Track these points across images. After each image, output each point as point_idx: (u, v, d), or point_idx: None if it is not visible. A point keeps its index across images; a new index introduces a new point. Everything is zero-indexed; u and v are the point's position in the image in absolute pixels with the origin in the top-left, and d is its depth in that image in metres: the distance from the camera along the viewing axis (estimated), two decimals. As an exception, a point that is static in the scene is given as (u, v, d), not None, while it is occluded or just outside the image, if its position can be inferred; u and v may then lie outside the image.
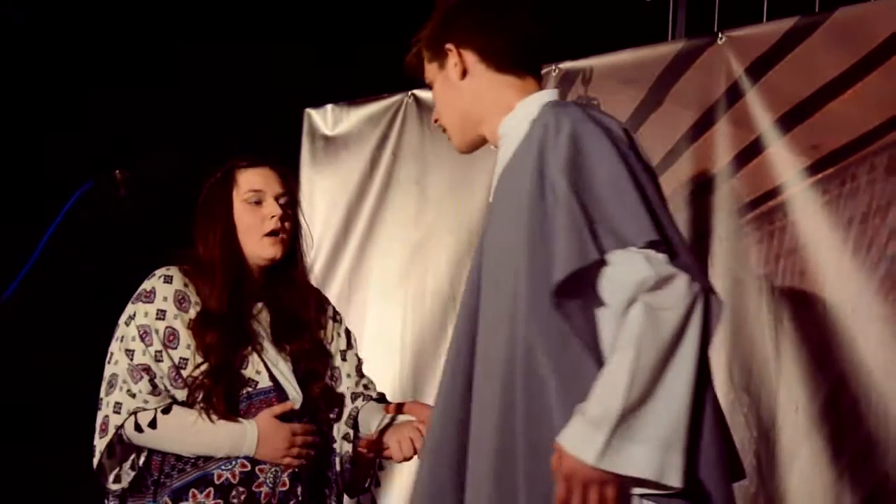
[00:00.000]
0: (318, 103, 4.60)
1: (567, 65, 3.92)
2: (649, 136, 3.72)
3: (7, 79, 4.23)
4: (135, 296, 2.70)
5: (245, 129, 4.44)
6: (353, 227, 4.44)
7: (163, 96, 4.51)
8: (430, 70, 2.32)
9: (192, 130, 4.37)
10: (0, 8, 4.28)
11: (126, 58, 4.51)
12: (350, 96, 4.54)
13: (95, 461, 2.63)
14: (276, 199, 2.77)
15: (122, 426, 2.60)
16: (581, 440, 1.92)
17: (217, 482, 2.60)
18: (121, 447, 2.66)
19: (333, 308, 2.93)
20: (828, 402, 3.32)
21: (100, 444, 2.62)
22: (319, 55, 4.71)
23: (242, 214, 2.75)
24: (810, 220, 3.40)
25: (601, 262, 1.99)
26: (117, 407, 2.61)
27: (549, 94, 2.25)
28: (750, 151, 3.53)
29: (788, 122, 3.45)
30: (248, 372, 2.67)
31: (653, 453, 1.91)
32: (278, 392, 2.69)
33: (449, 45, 2.26)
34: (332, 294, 4.14)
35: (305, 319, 2.80)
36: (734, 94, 3.56)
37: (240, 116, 4.63)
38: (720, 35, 3.60)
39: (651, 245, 1.98)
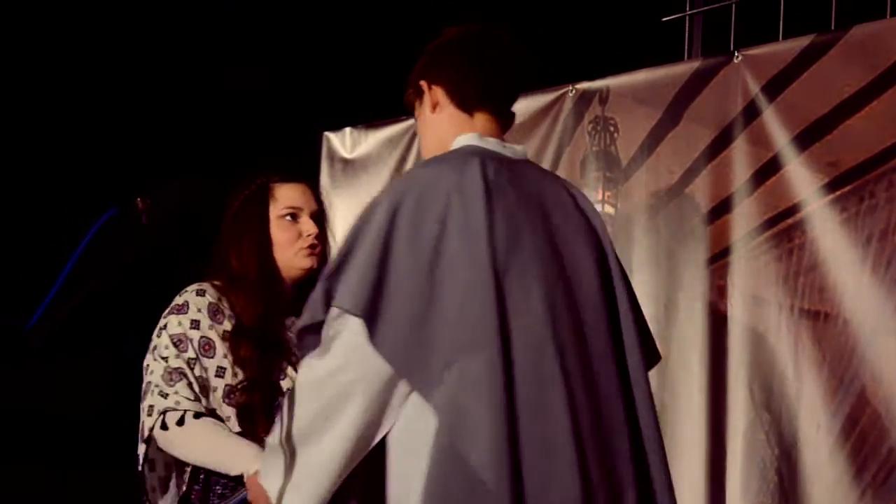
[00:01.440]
0: (337, 126, 4.62)
1: (583, 85, 3.93)
2: (666, 155, 3.73)
3: (28, 104, 4.27)
4: (167, 309, 2.70)
5: (264, 152, 4.48)
6: (373, 248, 4.45)
7: (181, 120, 4.55)
8: (417, 108, 2.51)
9: (211, 155, 4.40)
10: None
11: (145, 82, 4.55)
12: (368, 119, 4.56)
13: (140, 467, 2.63)
14: (312, 215, 2.80)
15: (153, 427, 2.59)
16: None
17: None
18: (159, 459, 2.65)
19: None
20: (849, 421, 3.31)
21: (140, 448, 2.62)
22: (338, 79, 4.74)
23: (279, 230, 2.76)
24: (829, 237, 3.39)
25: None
26: (150, 410, 2.61)
27: (465, 139, 2.39)
28: (767, 169, 3.53)
29: (806, 139, 3.45)
30: (286, 383, 2.68)
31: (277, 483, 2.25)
32: None
33: (423, 82, 2.45)
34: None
35: None
36: (751, 113, 3.56)
37: (259, 140, 4.66)
38: (736, 54, 3.61)
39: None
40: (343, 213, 4.56)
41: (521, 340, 2.20)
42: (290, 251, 2.75)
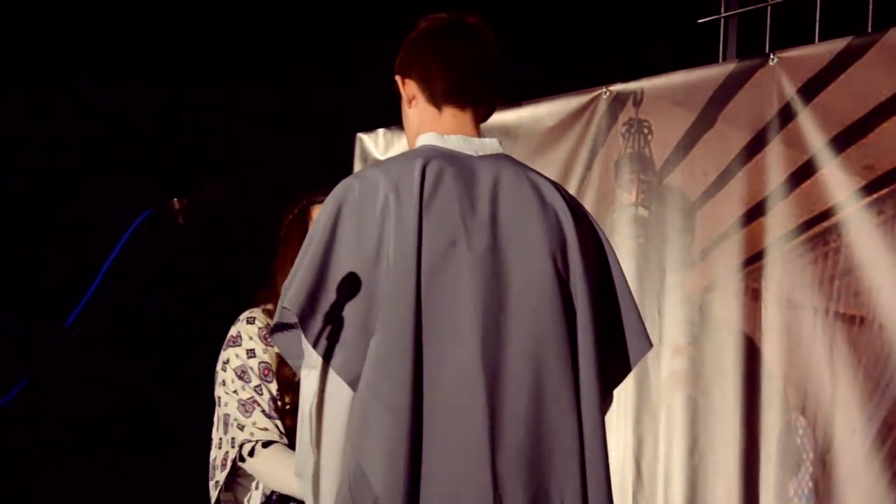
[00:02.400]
0: (370, 127, 4.63)
1: (618, 87, 3.92)
2: (701, 157, 3.72)
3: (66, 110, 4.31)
4: (225, 342, 2.82)
5: (299, 153, 4.49)
6: (406, 250, 4.46)
7: (215, 120, 4.57)
8: (401, 101, 2.50)
9: (246, 156, 4.42)
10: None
11: (176, 80, 4.57)
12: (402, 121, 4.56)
13: (214, 496, 2.76)
14: None
15: (234, 459, 2.72)
16: None
17: None
18: (236, 480, 2.78)
19: None
20: (885, 425, 3.29)
21: (220, 476, 2.74)
22: (372, 79, 4.75)
23: None
24: (865, 240, 3.37)
25: None
26: (233, 442, 2.73)
27: (424, 139, 2.40)
28: (803, 172, 3.51)
29: (842, 142, 3.44)
30: None
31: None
32: None
33: (398, 76, 2.46)
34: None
35: None
36: (786, 115, 3.55)
37: (292, 141, 4.67)
38: (772, 56, 3.59)
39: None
40: (376, 214, 4.56)
41: (439, 344, 2.20)
42: None
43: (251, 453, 2.69)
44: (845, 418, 3.35)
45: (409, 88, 2.43)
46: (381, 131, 4.58)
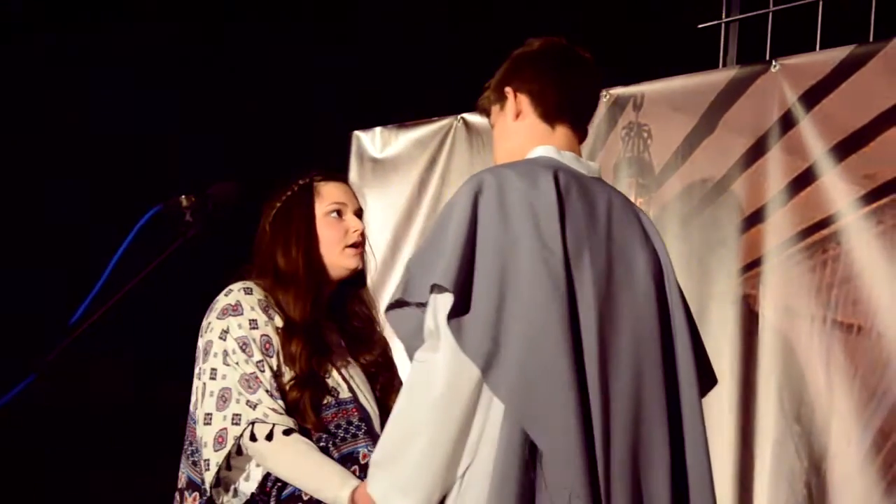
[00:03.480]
0: (367, 125, 4.62)
1: (618, 90, 3.92)
2: (700, 162, 3.72)
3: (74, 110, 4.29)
4: (219, 311, 2.67)
5: (293, 150, 4.47)
6: (401, 249, 4.46)
7: (211, 118, 4.55)
8: (494, 112, 2.54)
9: (242, 154, 4.40)
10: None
11: (180, 81, 4.56)
12: (399, 119, 4.56)
13: (212, 475, 2.59)
14: (355, 213, 2.80)
15: (240, 437, 2.57)
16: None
17: None
18: (238, 459, 2.62)
19: None
20: (881, 434, 3.29)
21: (216, 456, 2.58)
22: (368, 77, 4.74)
23: (325, 227, 2.76)
24: (864, 249, 3.38)
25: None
26: (236, 418, 2.58)
27: (543, 150, 2.43)
28: (803, 180, 3.52)
29: (843, 150, 3.44)
30: (331, 381, 2.68)
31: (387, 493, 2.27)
32: (357, 404, 2.69)
33: (508, 89, 2.49)
34: (381, 315, 4.15)
35: (375, 334, 2.83)
36: (787, 122, 3.55)
37: (288, 139, 4.66)
38: (774, 63, 3.59)
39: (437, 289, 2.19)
40: (372, 212, 4.56)
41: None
42: (336, 248, 2.75)
43: (269, 437, 2.55)
44: (841, 426, 3.36)
45: (519, 103, 2.47)
46: (378, 130, 4.58)
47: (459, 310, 2.17)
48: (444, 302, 2.18)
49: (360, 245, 2.78)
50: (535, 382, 2.16)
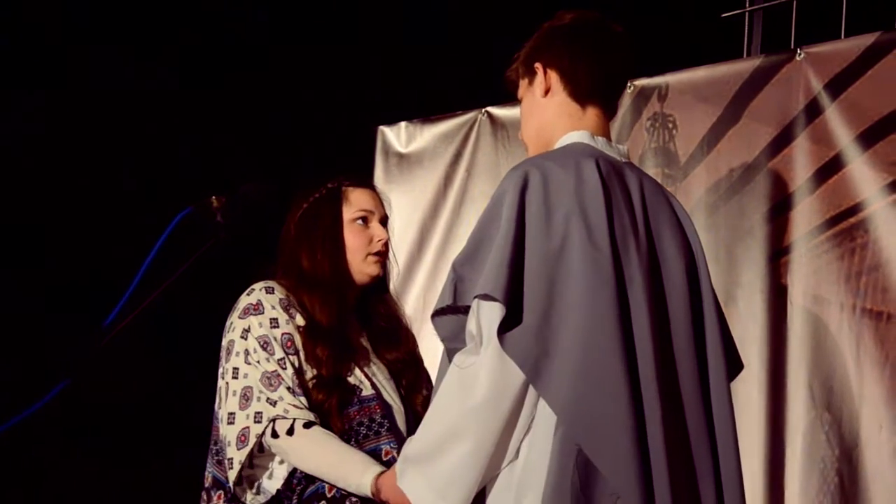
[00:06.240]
0: (392, 120, 4.62)
1: (642, 81, 3.91)
2: (727, 152, 3.71)
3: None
4: (241, 311, 2.70)
5: (318, 146, 4.49)
6: (427, 244, 4.46)
7: (236, 114, 4.57)
8: (522, 86, 2.45)
9: (268, 149, 4.42)
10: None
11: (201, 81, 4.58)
12: (424, 113, 4.56)
13: (235, 473, 2.61)
14: (381, 221, 2.82)
15: (262, 434, 2.60)
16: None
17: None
18: (261, 457, 2.65)
19: None
20: (912, 421, 3.29)
21: (238, 455, 2.61)
22: (393, 72, 4.75)
23: (350, 233, 2.79)
24: (892, 237, 3.36)
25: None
26: (258, 416, 2.61)
27: (577, 136, 2.36)
28: (830, 168, 3.50)
29: (869, 138, 3.42)
30: (353, 380, 2.70)
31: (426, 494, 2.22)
32: (380, 401, 2.71)
33: (538, 64, 2.39)
34: (407, 311, 4.15)
35: (401, 333, 2.85)
36: (813, 111, 3.53)
37: (313, 134, 4.67)
38: (799, 51, 3.58)
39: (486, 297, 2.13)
40: (397, 208, 4.54)
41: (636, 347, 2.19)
42: (360, 255, 2.78)
43: (290, 432, 2.57)
44: (872, 415, 3.35)
45: (549, 79, 2.38)
46: (403, 124, 4.58)
47: (507, 316, 2.11)
48: (490, 307, 2.13)
49: (383, 255, 2.81)
50: (588, 394, 2.11)
